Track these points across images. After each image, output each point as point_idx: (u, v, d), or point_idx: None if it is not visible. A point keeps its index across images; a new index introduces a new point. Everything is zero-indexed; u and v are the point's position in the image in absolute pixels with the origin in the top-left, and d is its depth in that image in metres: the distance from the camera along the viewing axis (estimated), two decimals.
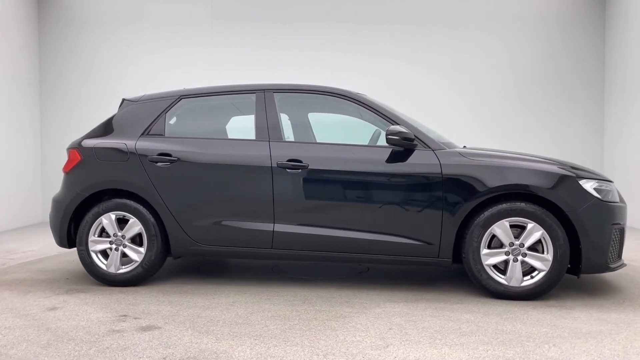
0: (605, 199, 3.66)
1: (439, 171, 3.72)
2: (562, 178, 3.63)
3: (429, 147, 3.82)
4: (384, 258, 3.84)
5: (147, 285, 4.13)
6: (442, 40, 8.53)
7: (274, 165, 3.90)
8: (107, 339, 2.88)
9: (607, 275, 4.43)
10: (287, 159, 3.90)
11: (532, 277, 3.65)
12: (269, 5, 8.50)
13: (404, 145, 3.76)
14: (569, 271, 3.76)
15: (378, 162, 3.82)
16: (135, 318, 3.26)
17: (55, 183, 7.91)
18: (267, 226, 3.92)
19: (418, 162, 3.77)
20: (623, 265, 3.85)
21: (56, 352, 2.69)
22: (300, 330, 3.01)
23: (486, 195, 3.66)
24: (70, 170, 4.25)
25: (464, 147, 4.46)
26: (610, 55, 8.29)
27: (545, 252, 3.61)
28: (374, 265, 4.81)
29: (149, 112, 4.28)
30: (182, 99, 4.30)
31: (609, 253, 3.63)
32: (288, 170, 3.89)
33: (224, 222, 3.98)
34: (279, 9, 8.50)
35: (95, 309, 3.48)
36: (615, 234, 3.69)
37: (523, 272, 3.66)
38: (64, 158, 7.81)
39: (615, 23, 8.11)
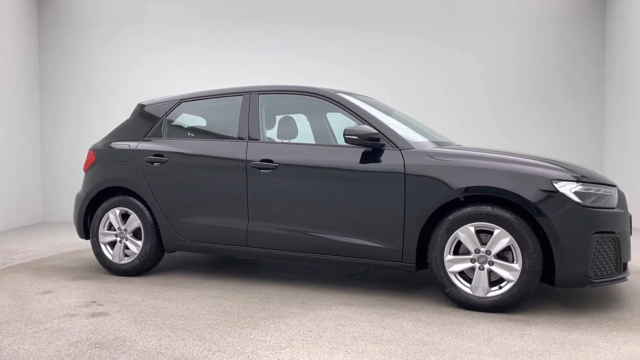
0: (588, 204, 3.24)
1: (402, 172, 3.56)
2: (532, 179, 3.28)
3: (397, 147, 3.66)
4: (350, 260, 3.76)
5: (146, 275, 4.46)
6: (442, 39, 8.49)
7: (249, 165, 4.01)
8: (54, 321, 3.20)
9: (624, 288, 3.89)
10: (261, 159, 3.98)
11: (500, 288, 3.35)
12: (269, 6, 8.58)
13: (366, 144, 3.65)
14: (548, 282, 3.39)
15: (345, 163, 3.75)
16: (99, 305, 3.57)
17: (55, 183, 8.44)
18: (242, 224, 4.04)
19: (383, 163, 3.63)
20: (621, 279, 3.38)
21: (5, 329, 3.05)
22: (225, 326, 3.08)
23: (449, 198, 3.43)
24: (88, 170, 4.72)
25: (459, 145, 4.23)
26: (610, 55, 8.09)
27: (514, 261, 3.30)
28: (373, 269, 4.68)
29: (154, 116, 4.62)
30: (182, 103, 4.57)
31: (590, 265, 3.21)
32: (261, 170, 3.97)
33: (205, 220, 4.18)
34: (278, 9, 8.58)
35: (79, 294, 3.86)
36: (602, 243, 3.25)
37: (494, 282, 3.38)
38: (63, 158, 8.32)
39: (615, 23, 7.94)
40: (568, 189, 3.25)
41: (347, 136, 3.63)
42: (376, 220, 3.65)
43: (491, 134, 8.26)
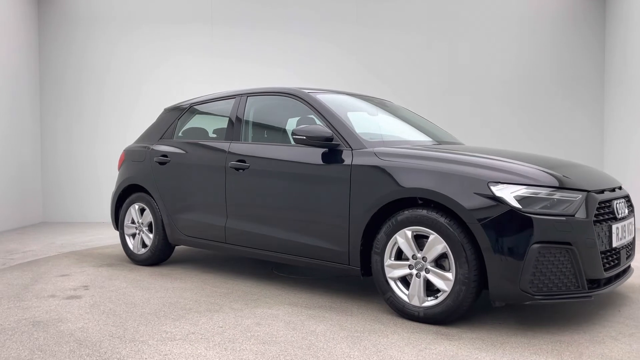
0: (533, 210, 2.86)
1: (348, 172, 3.47)
2: (467, 181, 2.99)
3: (350, 147, 3.56)
4: (307, 261, 3.74)
5: (160, 266, 4.88)
6: (442, 38, 8.43)
7: (227, 165, 4.18)
8: (34, 300, 3.69)
9: (626, 308, 3.34)
10: (237, 159, 4.14)
11: (435, 298, 3.11)
12: (271, 8, 8.50)
13: (315, 144, 3.61)
14: None
15: (305, 163, 3.74)
16: (86, 289, 4.02)
17: (55, 183, 8.73)
18: (221, 222, 4.23)
19: (335, 163, 3.56)
20: (580, 297, 2.93)
21: None
22: (155, 316, 3.30)
23: (386, 200, 3.27)
24: (120, 168, 5.28)
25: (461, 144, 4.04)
26: (610, 54, 8.09)
27: (448, 270, 3.04)
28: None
29: (170, 119, 5.02)
30: (193, 106, 4.90)
31: (529, 279, 2.83)
32: (238, 170, 4.12)
33: (196, 216, 4.45)
34: (279, 11, 8.51)
35: (83, 279, 4.36)
36: (547, 255, 2.85)
37: (436, 291, 3.15)
38: (63, 158, 8.78)
39: (615, 23, 7.97)
40: (508, 192, 2.91)
41: (294, 136, 3.62)
42: (327, 222, 3.59)
43: (491, 134, 8.26)
